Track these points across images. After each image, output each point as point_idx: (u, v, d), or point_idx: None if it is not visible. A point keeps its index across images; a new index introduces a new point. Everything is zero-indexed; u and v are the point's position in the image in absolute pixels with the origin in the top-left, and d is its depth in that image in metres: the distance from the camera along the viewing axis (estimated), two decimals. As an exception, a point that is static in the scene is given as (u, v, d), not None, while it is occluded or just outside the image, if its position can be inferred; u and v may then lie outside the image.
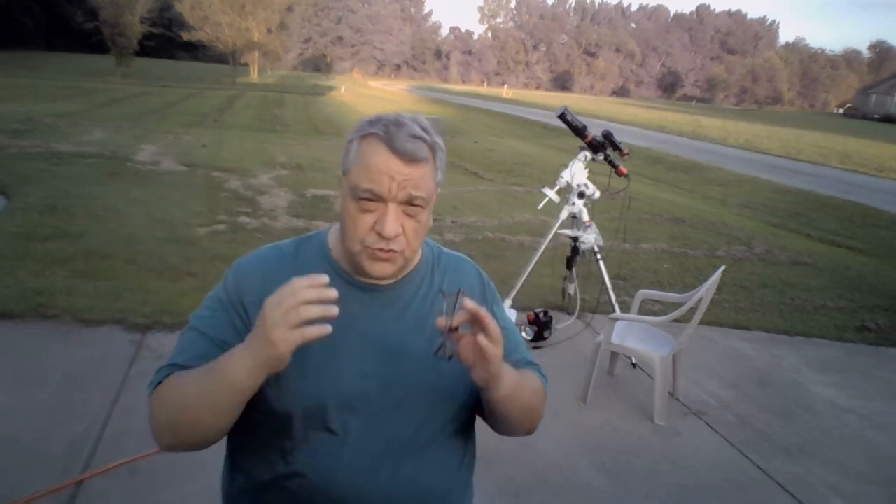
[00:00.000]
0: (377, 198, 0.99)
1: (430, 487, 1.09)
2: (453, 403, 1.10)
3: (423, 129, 1.02)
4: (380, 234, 1.00)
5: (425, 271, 1.15)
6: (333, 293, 0.88)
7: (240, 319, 1.05)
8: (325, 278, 0.89)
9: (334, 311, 0.88)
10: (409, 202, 1.00)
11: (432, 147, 1.03)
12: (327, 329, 0.88)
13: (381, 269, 1.04)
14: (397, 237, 1.01)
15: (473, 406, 1.14)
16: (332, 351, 1.03)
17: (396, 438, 1.05)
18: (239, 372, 0.91)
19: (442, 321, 0.93)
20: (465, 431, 1.17)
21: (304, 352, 1.02)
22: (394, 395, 1.05)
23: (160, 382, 1.03)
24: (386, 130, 1.00)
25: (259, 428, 1.06)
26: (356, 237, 1.02)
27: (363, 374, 1.04)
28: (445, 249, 1.23)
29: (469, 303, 0.92)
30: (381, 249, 1.01)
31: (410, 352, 1.07)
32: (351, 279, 1.09)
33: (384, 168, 0.98)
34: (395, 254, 1.02)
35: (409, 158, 0.99)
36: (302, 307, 0.86)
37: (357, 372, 1.04)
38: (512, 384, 1.03)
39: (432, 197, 1.05)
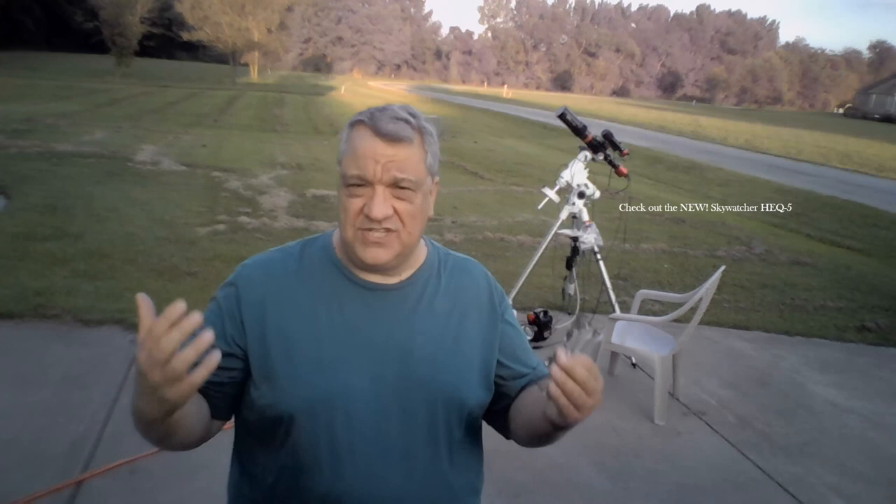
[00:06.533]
0: (364, 182, 0.99)
1: (437, 491, 1.08)
2: (461, 406, 1.09)
3: (410, 113, 1.03)
4: (368, 217, 0.99)
5: (431, 272, 1.13)
6: (196, 320, 0.80)
7: (232, 324, 1.05)
8: (179, 307, 0.80)
9: (208, 338, 0.80)
10: (396, 184, 0.99)
11: (419, 130, 1.02)
12: (216, 358, 0.80)
13: (374, 255, 1.02)
14: (389, 218, 1.00)
15: (482, 410, 1.14)
16: (336, 353, 1.03)
17: (403, 440, 1.05)
18: (150, 412, 0.87)
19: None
20: (474, 434, 1.16)
21: (307, 353, 1.03)
22: (400, 396, 1.04)
23: None
24: (371, 115, 1.01)
25: (263, 429, 1.05)
26: (348, 222, 1.01)
27: (369, 376, 1.03)
28: (453, 252, 1.21)
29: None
30: (372, 230, 1.00)
31: (417, 353, 1.06)
32: (355, 279, 1.07)
33: (369, 152, 0.99)
34: (389, 235, 1.01)
35: (392, 139, 0.98)
36: (175, 361, 0.79)
37: (363, 373, 1.03)
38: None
39: (423, 181, 1.03)
